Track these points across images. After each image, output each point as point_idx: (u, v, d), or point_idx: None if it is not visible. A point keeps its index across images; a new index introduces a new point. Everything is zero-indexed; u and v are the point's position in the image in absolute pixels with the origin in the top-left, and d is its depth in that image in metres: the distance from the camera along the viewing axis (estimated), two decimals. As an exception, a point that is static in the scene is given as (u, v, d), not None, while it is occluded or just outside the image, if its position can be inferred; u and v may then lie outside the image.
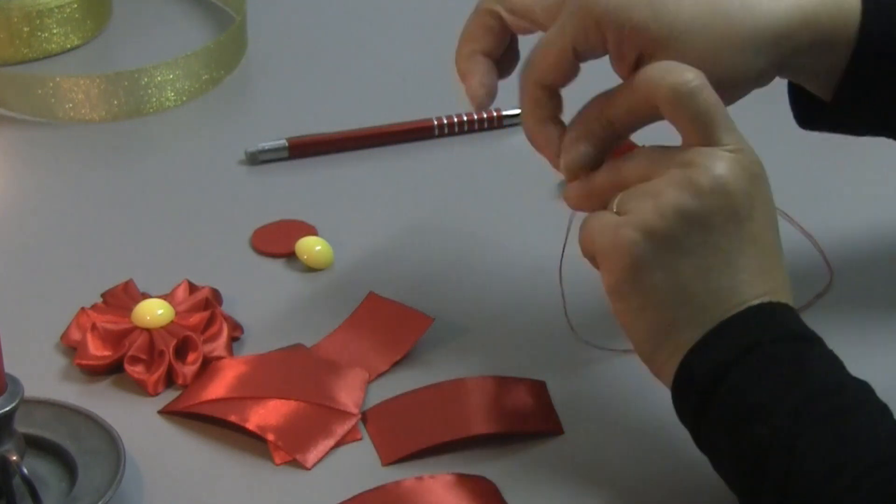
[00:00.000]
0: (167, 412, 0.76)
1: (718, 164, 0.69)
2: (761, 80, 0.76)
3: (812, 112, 0.80)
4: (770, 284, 0.69)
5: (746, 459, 0.65)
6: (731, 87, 0.75)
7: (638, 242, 0.68)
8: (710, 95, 0.70)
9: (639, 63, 0.74)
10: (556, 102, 0.77)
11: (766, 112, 0.82)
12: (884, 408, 0.66)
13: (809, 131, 0.81)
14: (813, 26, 0.75)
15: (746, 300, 0.68)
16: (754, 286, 0.68)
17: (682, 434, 0.73)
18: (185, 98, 1.04)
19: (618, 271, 0.69)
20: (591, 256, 0.71)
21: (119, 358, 0.78)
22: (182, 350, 0.79)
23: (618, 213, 0.70)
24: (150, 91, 1.02)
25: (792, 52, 0.75)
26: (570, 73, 0.76)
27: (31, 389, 0.69)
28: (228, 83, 1.07)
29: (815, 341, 0.68)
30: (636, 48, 0.74)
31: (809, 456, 0.63)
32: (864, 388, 0.67)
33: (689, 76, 0.70)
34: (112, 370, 0.78)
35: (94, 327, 0.79)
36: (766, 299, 0.68)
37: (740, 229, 0.69)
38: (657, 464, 0.73)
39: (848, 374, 0.67)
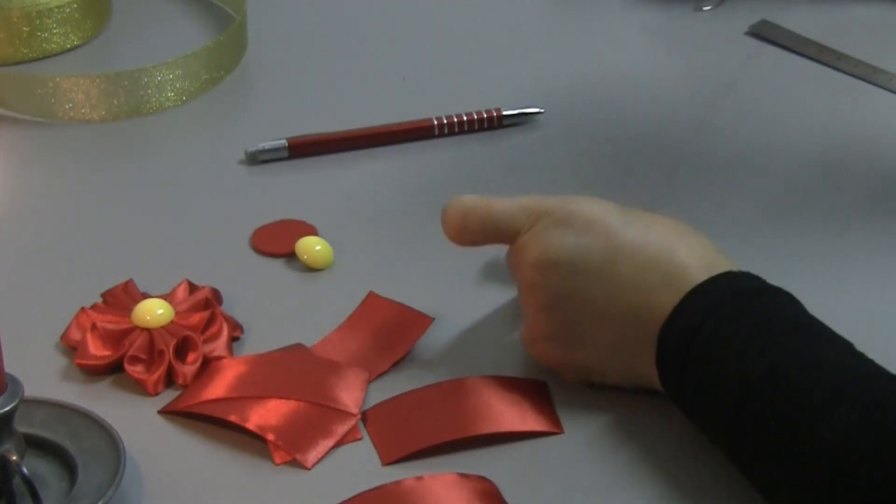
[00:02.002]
0: (167, 412, 0.76)
1: (525, 254, 0.75)
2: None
3: None
4: (678, 262, 0.72)
5: (726, 408, 0.68)
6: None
7: (548, 347, 0.76)
8: (476, 208, 0.77)
9: None
10: None
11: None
12: (848, 343, 0.69)
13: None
14: None
15: (656, 300, 0.71)
16: (656, 283, 0.72)
17: (682, 434, 0.73)
18: (185, 98, 1.04)
19: (563, 371, 0.77)
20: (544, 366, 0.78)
21: (119, 358, 0.78)
22: (182, 350, 0.79)
23: None
24: (150, 91, 1.02)
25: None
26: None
27: (31, 389, 0.69)
28: (228, 83, 1.07)
29: (775, 292, 0.71)
30: None
31: (781, 388, 0.66)
32: (826, 328, 0.70)
33: (448, 209, 0.79)
34: (112, 370, 0.78)
35: (94, 327, 0.79)
36: (692, 278, 0.71)
37: (593, 271, 0.73)
38: (657, 464, 0.73)
39: (811, 317, 0.70)
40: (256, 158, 0.97)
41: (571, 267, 0.73)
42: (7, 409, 0.66)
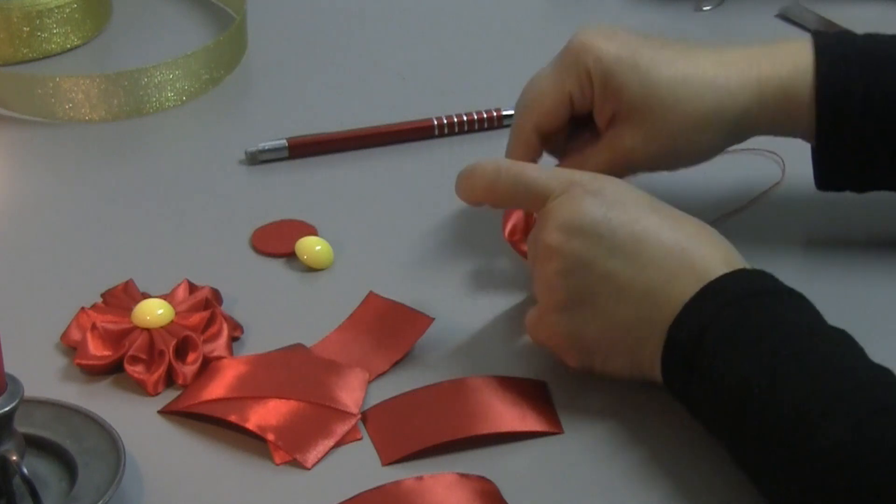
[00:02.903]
0: (167, 412, 0.76)
1: (552, 219, 0.75)
2: (713, 154, 0.85)
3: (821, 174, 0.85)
4: (701, 253, 0.72)
5: (729, 408, 0.68)
6: (684, 159, 0.84)
7: (558, 321, 0.75)
8: (510, 168, 0.78)
9: (613, 120, 0.82)
10: (540, 149, 0.85)
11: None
12: (859, 348, 0.68)
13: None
14: (771, 107, 0.82)
15: (675, 287, 0.71)
16: (677, 269, 0.72)
17: (682, 434, 0.73)
18: (185, 98, 1.04)
19: (567, 351, 0.76)
20: (548, 349, 0.77)
21: (119, 358, 0.78)
22: (182, 350, 0.79)
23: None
24: (150, 91, 1.02)
25: (752, 130, 0.83)
26: (564, 120, 0.84)
27: (31, 389, 0.69)
28: (228, 83, 1.07)
29: (788, 294, 0.71)
30: (613, 106, 0.82)
31: (784, 392, 0.66)
32: (839, 332, 0.69)
33: (479, 167, 0.79)
34: (112, 370, 0.78)
35: (94, 327, 0.79)
36: (719, 271, 0.71)
37: (617, 245, 0.73)
38: (657, 463, 0.73)
39: (823, 321, 0.70)
40: (256, 158, 0.97)
41: (598, 236, 0.73)
42: (7, 409, 0.66)
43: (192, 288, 0.83)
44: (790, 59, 0.82)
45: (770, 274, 0.72)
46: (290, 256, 0.88)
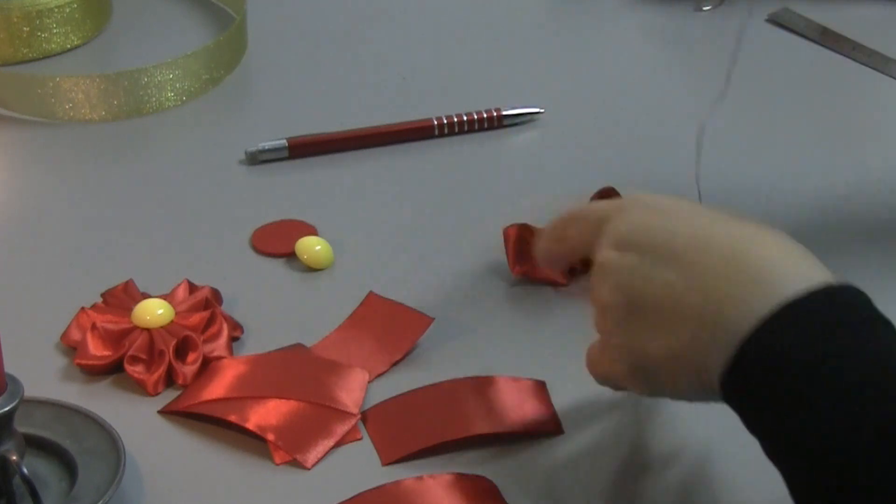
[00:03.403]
0: (167, 412, 0.76)
1: (606, 238, 0.70)
2: None
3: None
4: (771, 260, 0.65)
5: (793, 462, 0.61)
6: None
7: (619, 344, 0.69)
8: (569, 215, 0.74)
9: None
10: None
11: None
12: None
13: None
14: None
15: (744, 296, 0.64)
16: (742, 278, 0.64)
17: (683, 433, 0.73)
18: (185, 98, 1.04)
19: (633, 377, 0.69)
20: (613, 385, 0.73)
21: (119, 358, 0.78)
22: (182, 350, 0.79)
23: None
24: (150, 91, 1.02)
25: None
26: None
27: (31, 389, 0.69)
28: (228, 83, 1.07)
29: (875, 323, 0.63)
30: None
31: (860, 478, 0.58)
32: None
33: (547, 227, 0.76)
34: (112, 370, 0.78)
35: (94, 327, 0.79)
36: (795, 287, 0.63)
37: (676, 254, 0.67)
38: (658, 464, 0.73)
39: None
40: (256, 158, 0.97)
41: (653, 247, 0.68)
42: (7, 409, 0.66)
43: (192, 288, 0.83)
44: None
45: (856, 289, 0.63)
46: (290, 256, 0.88)
